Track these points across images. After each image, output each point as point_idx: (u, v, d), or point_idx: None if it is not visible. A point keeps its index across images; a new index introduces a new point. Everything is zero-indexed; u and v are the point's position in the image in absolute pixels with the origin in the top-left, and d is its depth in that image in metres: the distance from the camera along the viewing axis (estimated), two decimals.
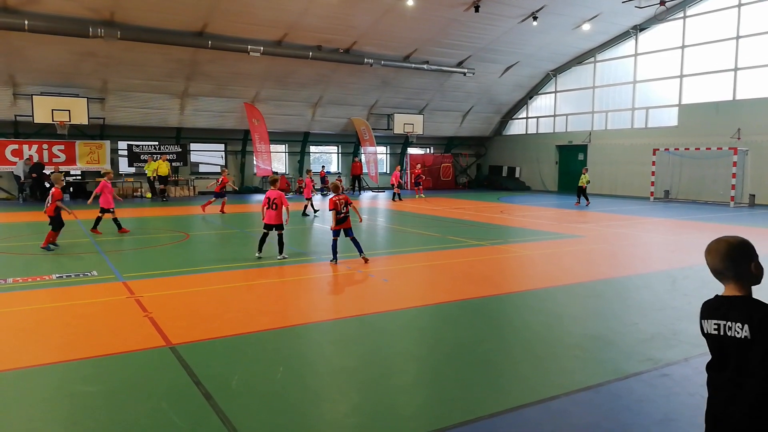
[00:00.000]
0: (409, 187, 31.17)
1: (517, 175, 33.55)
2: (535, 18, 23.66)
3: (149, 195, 24.68)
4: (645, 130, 26.77)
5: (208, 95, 24.97)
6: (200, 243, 12.64)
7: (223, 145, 28.44)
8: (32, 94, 21.49)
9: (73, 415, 4.21)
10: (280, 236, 10.23)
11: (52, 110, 21.52)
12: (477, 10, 22.28)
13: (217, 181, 18.79)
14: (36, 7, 18.37)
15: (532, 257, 10.94)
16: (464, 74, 28.19)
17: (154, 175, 23.85)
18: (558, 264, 10.25)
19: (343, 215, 9.83)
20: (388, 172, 33.73)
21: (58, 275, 8.66)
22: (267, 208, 10.18)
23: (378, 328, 6.38)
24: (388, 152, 33.81)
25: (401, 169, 29.45)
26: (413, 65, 26.60)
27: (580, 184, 22.08)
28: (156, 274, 9.02)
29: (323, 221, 15.43)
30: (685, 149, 24.21)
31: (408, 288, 8.39)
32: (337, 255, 10.02)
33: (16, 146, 22.59)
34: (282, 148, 30.32)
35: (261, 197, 24.70)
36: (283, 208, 10.19)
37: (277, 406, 4.33)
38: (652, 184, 25.07)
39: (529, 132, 33.47)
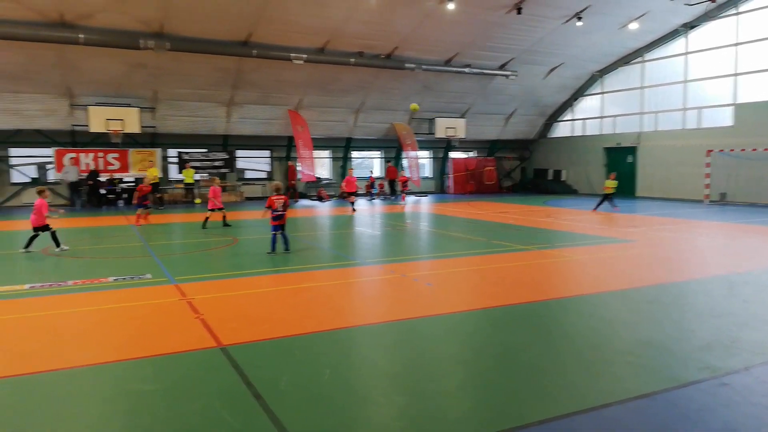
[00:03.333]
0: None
1: (563, 178, 32.90)
2: (579, 18, 23.20)
3: (198, 201, 25.36)
4: (698, 130, 25.81)
5: (254, 103, 25.51)
6: (247, 247, 12.90)
7: (269, 151, 28.99)
8: (88, 105, 22.44)
9: (131, 412, 4.36)
10: (53, 233, 11.64)
11: (107, 120, 22.42)
12: (519, 12, 22.02)
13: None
14: (90, 21, 19.20)
15: (581, 262, 10.70)
16: (507, 77, 27.90)
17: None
18: (608, 268, 9.99)
19: (279, 214, 11.20)
20: (431, 176, 33.66)
21: (114, 278, 9.00)
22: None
23: (423, 333, 6.36)
24: (431, 156, 33.72)
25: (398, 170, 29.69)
26: (455, 69, 26.50)
27: (606, 191, 20.81)
28: (206, 277, 9.26)
29: (361, 224, 15.49)
30: (741, 150, 23.22)
31: (452, 292, 8.34)
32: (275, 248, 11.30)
33: (74, 155, 23.61)
34: (325, 153, 30.66)
35: (306, 202, 24.98)
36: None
37: (324, 408, 4.37)
38: (707, 186, 24.13)
39: (575, 134, 32.79)
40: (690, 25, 25.83)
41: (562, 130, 33.84)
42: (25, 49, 19.53)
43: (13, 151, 24.09)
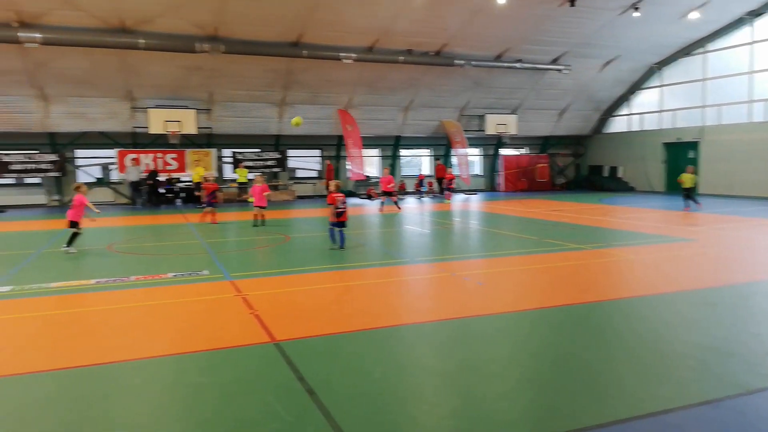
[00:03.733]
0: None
1: (619, 174, 31.87)
2: (636, 9, 22.41)
3: (251, 199, 25.94)
4: (765, 123, 24.48)
5: (304, 103, 25.90)
6: (299, 244, 13.13)
7: (319, 150, 29.38)
8: (147, 107, 23.37)
9: (190, 404, 4.52)
10: (74, 233, 11.78)
11: (165, 121, 23.28)
12: (572, 4, 21.45)
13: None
14: (149, 26, 19.97)
15: (639, 261, 10.35)
16: (560, 71, 27.26)
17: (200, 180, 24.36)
18: (667, 269, 9.63)
19: (340, 210, 11.44)
20: (481, 174, 33.31)
21: (173, 274, 9.34)
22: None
23: (474, 332, 6.31)
24: (481, 154, 33.34)
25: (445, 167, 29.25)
26: (505, 64, 26.09)
27: (686, 186, 19.29)
28: (259, 273, 9.49)
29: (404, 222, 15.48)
30: None
31: (504, 292, 8.23)
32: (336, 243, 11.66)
33: (134, 156, 24.64)
34: (374, 152, 30.81)
35: (356, 201, 25.16)
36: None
37: (377, 405, 4.41)
38: None
39: (632, 129, 31.68)
40: (756, 13, 24.50)
41: (618, 125, 32.77)
42: (90, 55, 20.52)
43: (79, 153, 25.36)
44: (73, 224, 11.88)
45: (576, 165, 35.04)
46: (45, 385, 4.91)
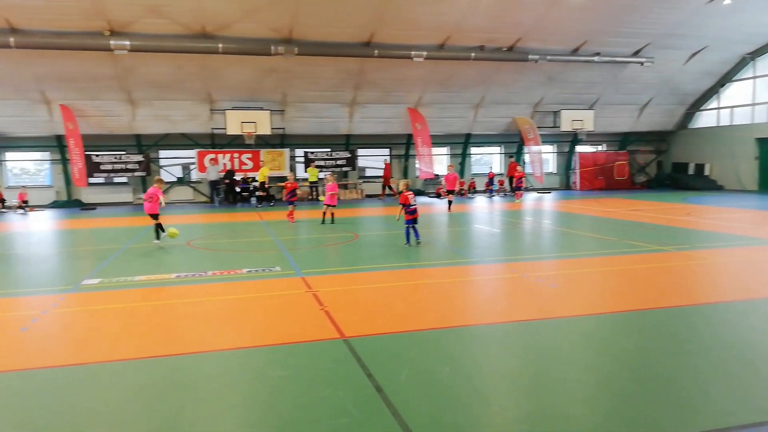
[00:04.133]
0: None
1: (706, 172, 29.96)
2: None
3: (322, 198, 26.43)
4: None
5: (375, 102, 26.09)
6: (368, 243, 13.22)
7: (388, 149, 29.52)
8: (225, 110, 24.32)
9: (261, 395, 4.63)
10: (158, 224, 12.48)
11: (241, 122, 24.14)
12: None
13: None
14: (228, 31, 20.75)
15: (726, 264, 9.67)
16: (641, 64, 25.91)
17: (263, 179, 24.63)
18: (758, 273, 8.93)
19: (413, 208, 11.78)
20: (555, 172, 32.33)
21: (248, 269, 9.65)
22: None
23: (547, 335, 6.09)
24: (555, 151, 32.34)
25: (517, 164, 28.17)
26: (582, 58, 25.12)
27: None
28: (330, 270, 9.63)
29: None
30: None
31: (579, 294, 7.91)
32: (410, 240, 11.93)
33: (212, 156, 25.73)
34: (444, 150, 30.59)
35: (424, 199, 25.07)
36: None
37: (445, 404, 4.34)
38: None
39: (721, 124, 29.69)
40: None
41: (705, 119, 30.81)
42: (173, 61, 21.61)
43: (162, 153, 26.79)
44: (154, 216, 12.64)
45: (658, 162, 33.26)
46: (134, 372, 5.19)
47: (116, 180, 26.08)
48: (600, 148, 33.11)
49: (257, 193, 24.65)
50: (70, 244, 14.32)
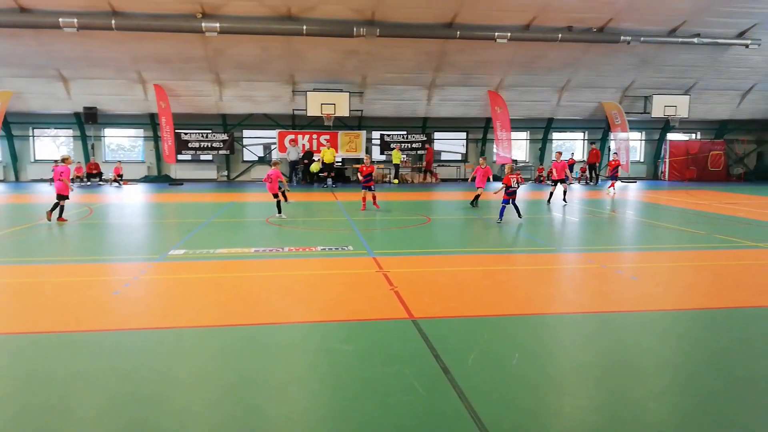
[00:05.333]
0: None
1: None
2: None
3: (396, 181, 26.57)
4: None
5: (454, 85, 25.74)
6: (440, 227, 13.17)
7: (465, 133, 29.10)
8: (306, 91, 24.83)
9: (332, 368, 4.75)
10: (279, 202, 13.83)
11: (321, 104, 24.58)
12: None
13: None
14: (312, 13, 21.08)
15: None
16: (746, 46, 23.90)
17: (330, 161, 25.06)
18: None
19: (513, 190, 13.20)
20: (642, 160, 30.70)
21: (321, 247, 9.88)
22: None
23: (625, 328, 5.84)
24: (643, 138, 30.66)
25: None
26: (680, 40, 23.48)
27: None
28: (401, 252, 9.68)
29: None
30: None
31: (662, 288, 7.50)
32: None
33: (292, 136, 26.41)
34: (523, 135, 29.77)
35: (499, 185, 24.61)
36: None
37: (513, 390, 4.28)
38: None
39: None
40: None
41: None
42: (259, 42, 22.26)
43: (246, 133, 27.81)
44: (275, 195, 13.90)
45: (758, 153, 30.79)
46: (215, 338, 5.48)
47: (202, 157, 27.39)
48: (694, 136, 31.06)
49: (323, 174, 25.11)
50: (159, 216, 15.24)
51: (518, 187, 13.50)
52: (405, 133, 27.65)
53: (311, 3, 20.53)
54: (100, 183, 25.40)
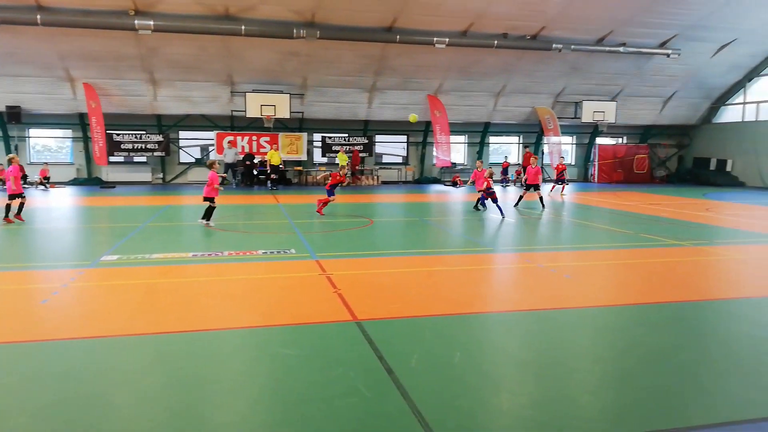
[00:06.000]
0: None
1: (728, 168, 29.47)
2: None
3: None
4: None
5: (394, 88, 26.00)
6: (383, 229, 13.27)
7: (406, 136, 29.43)
8: (245, 92, 24.41)
9: (274, 373, 4.71)
10: (210, 207, 12.84)
11: (261, 105, 24.23)
12: None
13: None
14: (251, 13, 20.77)
15: (745, 262, 9.55)
16: (668, 56, 25.44)
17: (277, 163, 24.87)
18: None
19: (492, 191, 15.00)
20: (573, 163, 32.01)
21: (263, 251, 9.75)
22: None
23: (560, 325, 6.10)
24: (574, 142, 32.00)
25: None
26: (607, 48, 24.71)
27: None
28: (344, 254, 9.69)
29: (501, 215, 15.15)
30: None
31: (593, 286, 7.88)
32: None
33: (231, 137, 25.88)
34: (461, 139, 30.42)
35: (440, 187, 25.01)
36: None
37: (455, 389, 4.38)
38: None
39: (746, 119, 29.11)
40: None
41: (730, 114, 30.23)
42: (196, 41, 21.71)
43: (182, 134, 27.02)
44: (209, 200, 12.96)
45: (679, 157, 32.78)
46: (150, 347, 5.31)
47: (136, 159, 26.39)
48: (620, 140, 32.69)
49: (263, 177, 24.77)
50: (90, 220, 14.58)
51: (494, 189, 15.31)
52: (347, 135, 27.67)
53: (250, 3, 20.23)
54: (25, 186, 23.95)
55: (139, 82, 23.64)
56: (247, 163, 25.39)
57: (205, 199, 13.00)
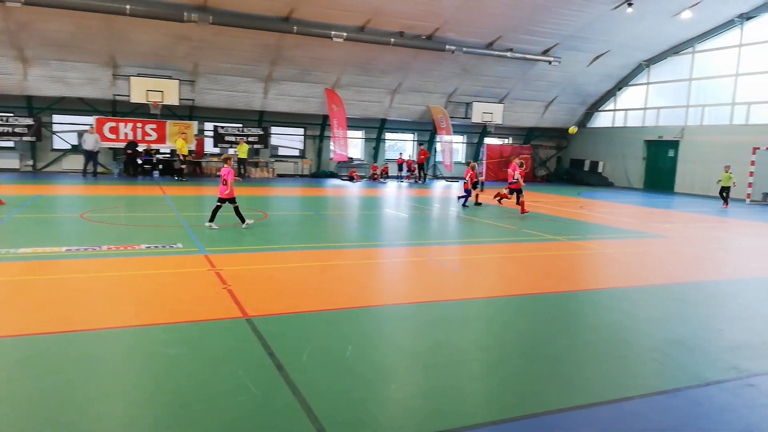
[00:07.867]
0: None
1: (599, 169, 32.22)
2: (630, 4, 22.45)
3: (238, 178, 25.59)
4: (745, 126, 24.88)
5: (291, 80, 25.60)
6: (278, 223, 13.06)
7: (303, 129, 29.13)
8: (130, 75, 22.86)
9: (156, 374, 4.49)
10: (236, 208, 11.30)
11: (147, 91, 22.82)
12: None
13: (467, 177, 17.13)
14: None
15: (612, 255, 10.51)
16: (549, 63, 27.28)
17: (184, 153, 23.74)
18: (639, 264, 9.80)
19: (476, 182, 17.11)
20: (463, 161, 33.39)
21: (146, 245, 9.23)
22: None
23: (448, 316, 6.36)
24: (465, 141, 33.39)
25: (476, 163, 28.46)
26: (496, 53, 26.01)
27: (725, 185, 20.74)
28: (236, 249, 9.43)
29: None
30: None
31: (480, 278, 8.31)
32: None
33: (113, 124, 24.14)
34: (359, 134, 30.66)
35: (336, 182, 25.08)
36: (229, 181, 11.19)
37: (346, 382, 4.43)
38: (750, 185, 23.30)
39: (615, 125, 31.96)
40: (746, 16, 24.77)
41: (602, 120, 33.04)
42: (74, 18, 19.98)
43: (57, 118, 24.78)
44: (230, 200, 11.31)
45: (558, 158, 35.31)
46: (15, 350, 4.84)
47: (2, 144, 23.83)
48: (506, 141, 34.58)
49: (182, 167, 23.47)
50: None
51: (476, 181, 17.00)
52: (241, 126, 26.86)
53: None
54: None
55: (7, 59, 21.33)
56: (129, 151, 23.81)
57: (226, 200, 11.31)
